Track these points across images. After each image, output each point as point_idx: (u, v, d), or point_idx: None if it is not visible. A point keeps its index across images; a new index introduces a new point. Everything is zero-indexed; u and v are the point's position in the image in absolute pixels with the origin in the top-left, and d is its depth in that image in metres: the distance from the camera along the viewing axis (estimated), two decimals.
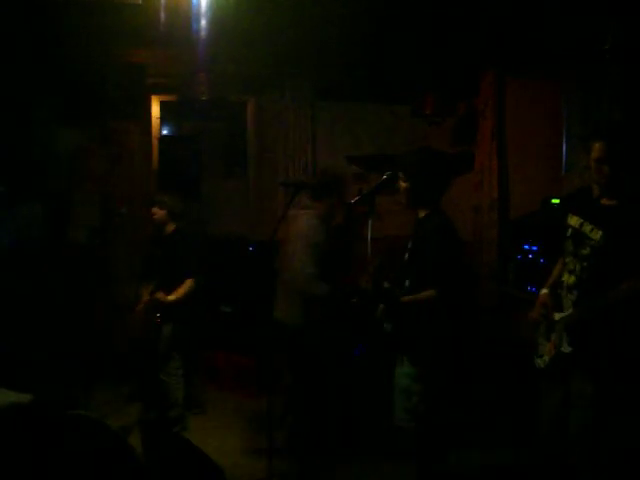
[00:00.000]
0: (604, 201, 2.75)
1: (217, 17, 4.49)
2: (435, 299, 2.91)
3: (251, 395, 5.03)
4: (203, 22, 4.54)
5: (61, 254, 5.45)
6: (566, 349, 2.76)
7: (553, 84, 5.35)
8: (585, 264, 2.74)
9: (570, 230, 2.85)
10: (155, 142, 6.03)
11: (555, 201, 5.11)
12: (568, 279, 2.83)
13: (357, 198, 3.31)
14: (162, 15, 4.46)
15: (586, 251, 2.73)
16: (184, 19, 4.53)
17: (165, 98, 6.05)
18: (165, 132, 6.59)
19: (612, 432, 2.74)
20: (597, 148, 2.72)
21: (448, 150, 6.09)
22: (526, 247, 5.27)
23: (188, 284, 4.21)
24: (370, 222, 3.83)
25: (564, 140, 5.26)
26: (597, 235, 2.69)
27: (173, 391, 4.32)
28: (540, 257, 5.08)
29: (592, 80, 4.62)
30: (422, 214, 3.11)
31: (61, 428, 2.10)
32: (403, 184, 3.09)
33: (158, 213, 4.30)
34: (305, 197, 3.91)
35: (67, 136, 5.65)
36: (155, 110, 6.02)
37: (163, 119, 6.21)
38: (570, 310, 2.78)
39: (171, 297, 4.15)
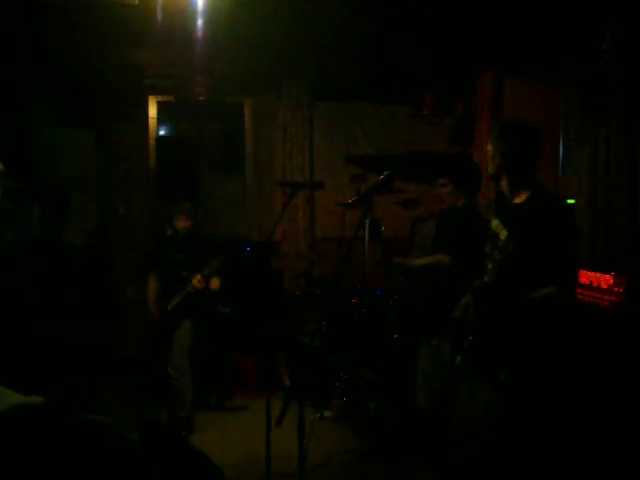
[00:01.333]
0: (515, 199, 2.69)
1: (214, 18, 4.49)
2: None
3: (251, 396, 5.03)
4: (200, 22, 4.54)
5: (59, 255, 5.45)
6: (473, 317, 2.71)
7: (551, 84, 5.36)
8: (495, 265, 2.65)
9: (490, 231, 2.78)
10: (152, 143, 6.02)
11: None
12: (485, 279, 2.73)
13: (354, 198, 3.31)
14: (159, 16, 4.46)
15: (497, 252, 2.65)
16: (181, 20, 4.53)
17: (162, 99, 6.04)
18: (162, 133, 6.58)
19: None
20: (489, 149, 2.73)
21: (446, 150, 6.12)
22: None
23: (218, 278, 4.37)
24: (367, 222, 3.85)
25: (562, 141, 5.28)
26: (504, 235, 2.63)
27: (184, 391, 4.35)
28: None
29: (590, 80, 4.63)
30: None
31: (76, 432, 2.09)
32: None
33: (185, 220, 4.44)
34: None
35: (65, 137, 5.64)
36: (152, 111, 6.02)
37: (160, 120, 6.21)
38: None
39: (214, 286, 4.30)
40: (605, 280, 3.85)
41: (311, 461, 3.75)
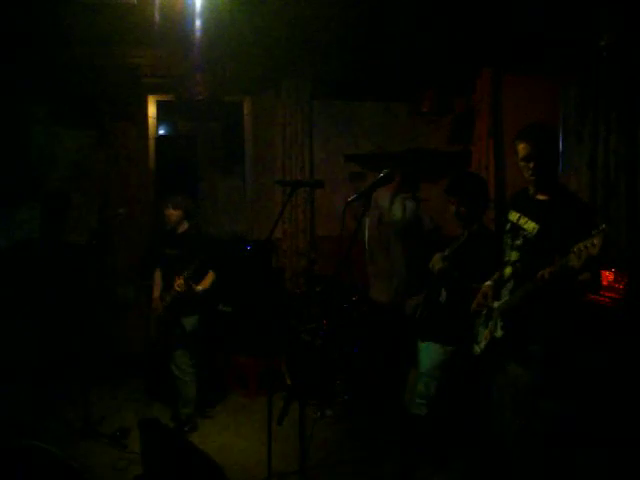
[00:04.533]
0: (538, 196, 2.91)
1: (213, 17, 4.49)
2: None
3: (251, 395, 5.03)
4: (198, 22, 4.55)
5: (59, 255, 5.45)
6: (498, 334, 2.91)
7: (550, 82, 5.36)
8: (519, 254, 2.91)
9: (509, 225, 3.02)
10: (152, 142, 6.02)
11: None
12: (504, 270, 2.98)
13: (354, 196, 3.30)
14: (158, 15, 4.46)
15: (519, 242, 2.90)
16: (180, 19, 4.53)
17: (161, 98, 6.04)
18: (162, 132, 6.58)
19: (544, 416, 2.84)
20: (521, 148, 2.88)
21: (445, 148, 6.11)
22: None
23: (211, 276, 4.38)
24: (367, 220, 3.84)
25: (561, 138, 5.27)
26: (530, 226, 2.86)
27: (187, 388, 4.36)
28: None
29: (589, 78, 4.63)
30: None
31: (9, 460, 2.05)
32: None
33: (174, 214, 4.41)
34: None
35: (64, 137, 5.64)
36: (151, 110, 6.01)
37: (160, 119, 6.20)
38: (506, 297, 2.94)
39: (199, 287, 4.31)
40: (605, 277, 3.86)
41: (312, 460, 3.77)
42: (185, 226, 4.46)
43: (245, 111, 6.24)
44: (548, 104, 5.39)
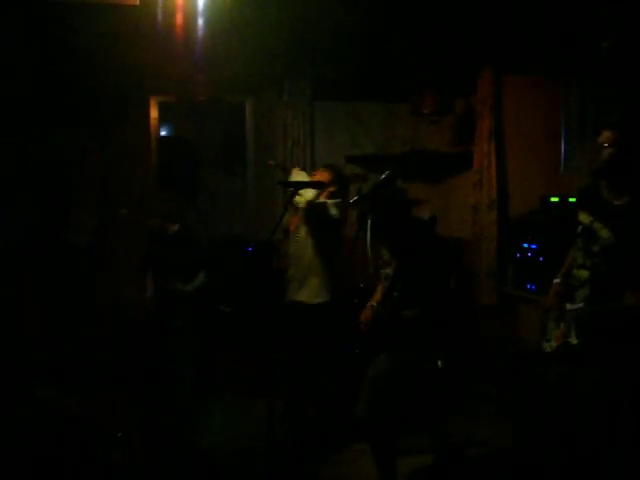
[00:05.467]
0: (613, 199, 2.81)
1: (214, 18, 4.49)
2: None
3: (252, 393, 5.03)
4: (200, 23, 4.54)
5: (60, 256, 5.45)
6: (574, 340, 2.87)
7: (551, 82, 5.36)
8: (597, 260, 2.83)
9: (580, 227, 2.94)
10: (153, 143, 6.02)
11: (554, 199, 5.12)
12: (579, 273, 2.92)
13: (356, 198, 3.30)
14: (160, 16, 4.46)
15: (597, 248, 2.82)
16: (182, 20, 4.53)
17: (163, 99, 6.04)
18: (163, 133, 6.59)
19: (617, 424, 2.78)
20: (606, 136, 2.79)
21: (447, 149, 6.11)
22: (525, 246, 5.28)
23: (201, 275, 4.45)
24: (369, 222, 3.83)
25: (562, 139, 5.27)
26: (606, 234, 2.78)
27: (185, 385, 4.40)
28: (539, 255, 5.09)
29: (591, 78, 4.62)
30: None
31: None
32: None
33: (156, 222, 4.58)
34: None
35: (65, 137, 5.65)
36: (153, 111, 6.02)
37: (161, 120, 6.21)
38: (581, 303, 2.89)
39: (189, 286, 4.38)
40: None
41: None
42: (175, 228, 4.53)
43: (247, 112, 6.25)
44: (549, 105, 5.39)
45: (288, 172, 4.01)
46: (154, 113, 6.04)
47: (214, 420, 4.64)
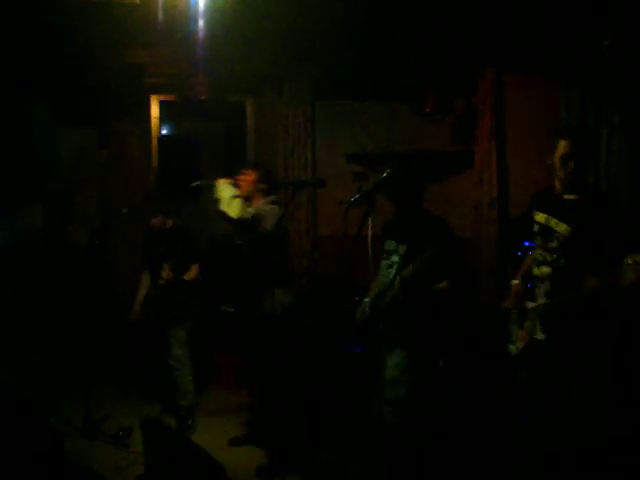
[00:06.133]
0: (566, 196, 2.95)
1: (215, 16, 4.49)
2: None
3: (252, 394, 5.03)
4: (201, 21, 4.55)
5: (61, 255, 5.46)
6: (540, 336, 2.91)
7: (552, 82, 5.35)
8: (555, 256, 2.92)
9: (537, 226, 3.04)
10: (154, 142, 6.02)
11: None
12: (539, 270, 3.00)
13: (356, 197, 3.30)
14: (160, 15, 4.47)
15: (554, 244, 2.92)
16: (182, 18, 4.53)
17: (164, 98, 6.05)
18: (164, 132, 6.59)
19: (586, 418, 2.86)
20: (562, 146, 2.93)
21: (448, 148, 6.11)
22: (526, 244, 5.28)
23: (195, 268, 4.54)
24: (370, 221, 3.82)
25: None
26: (562, 228, 2.89)
27: (183, 380, 4.43)
28: None
29: (591, 77, 4.62)
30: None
31: None
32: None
33: (155, 220, 4.65)
34: None
35: (66, 136, 5.65)
36: (154, 110, 6.02)
37: (162, 119, 6.21)
38: (543, 300, 2.94)
39: (185, 277, 4.47)
40: None
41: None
42: (169, 224, 4.65)
43: (248, 111, 6.25)
44: (550, 104, 5.38)
45: (216, 187, 3.92)
46: (155, 112, 6.04)
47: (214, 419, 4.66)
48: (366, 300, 3.45)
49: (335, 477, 3.72)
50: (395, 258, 3.33)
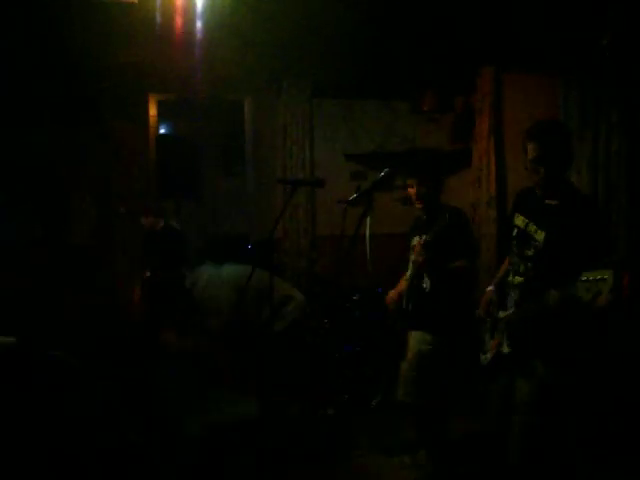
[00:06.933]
0: (547, 201, 2.72)
1: (213, 16, 4.49)
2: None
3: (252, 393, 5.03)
4: (199, 21, 4.54)
5: (59, 255, 5.45)
6: (505, 349, 2.77)
7: (551, 81, 5.34)
8: (530, 264, 2.72)
9: (516, 230, 2.83)
10: (152, 141, 6.02)
11: None
12: (513, 279, 2.81)
13: (355, 196, 3.30)
14: (158, 14, 4.47)
15: (530, 252, 2.71)
16: (181, 18, 4.53)
17: (162, 97, 6.04)
18: (163, 131, 6.58)
19: (551, 434, 2.69)
20: (531, 148, 2.66)
21: (446, 147, 6.11)
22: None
23: (183, 268, 4.71)
24: (368, 220, 3.82)
25: None
26: (540, 236, 2.67)
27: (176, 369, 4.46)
28: None
29: (590, 76, 4.62)
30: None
31: (39, 366, 2.46)
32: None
33: (147, 220, 4.88)
34: None
35: (65, 136, 5.64)
36: (152, 109, 6.01)
37: (160, 118, 6.20)
38: (512, 309, 2.77)
39: (173, 274, 4.67)
40: None
41: None
42: (161, 224, 4.81)
43: (246, 110, 6.24)
44: (549, 103, 5.37)
45: None
46: (153, 111, 6.03)
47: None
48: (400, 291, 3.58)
49: None
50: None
